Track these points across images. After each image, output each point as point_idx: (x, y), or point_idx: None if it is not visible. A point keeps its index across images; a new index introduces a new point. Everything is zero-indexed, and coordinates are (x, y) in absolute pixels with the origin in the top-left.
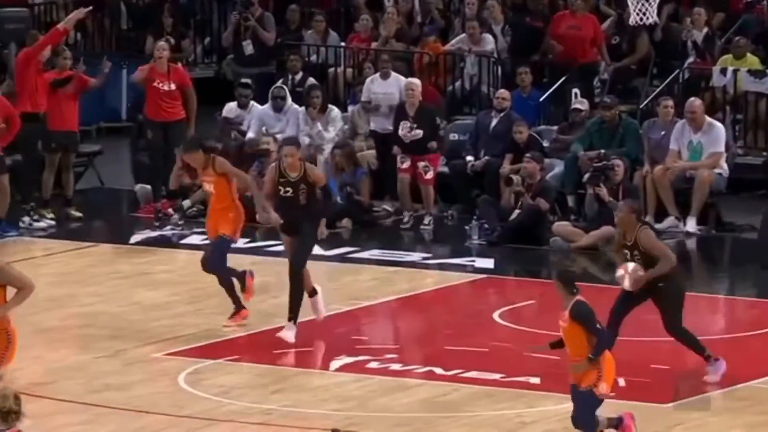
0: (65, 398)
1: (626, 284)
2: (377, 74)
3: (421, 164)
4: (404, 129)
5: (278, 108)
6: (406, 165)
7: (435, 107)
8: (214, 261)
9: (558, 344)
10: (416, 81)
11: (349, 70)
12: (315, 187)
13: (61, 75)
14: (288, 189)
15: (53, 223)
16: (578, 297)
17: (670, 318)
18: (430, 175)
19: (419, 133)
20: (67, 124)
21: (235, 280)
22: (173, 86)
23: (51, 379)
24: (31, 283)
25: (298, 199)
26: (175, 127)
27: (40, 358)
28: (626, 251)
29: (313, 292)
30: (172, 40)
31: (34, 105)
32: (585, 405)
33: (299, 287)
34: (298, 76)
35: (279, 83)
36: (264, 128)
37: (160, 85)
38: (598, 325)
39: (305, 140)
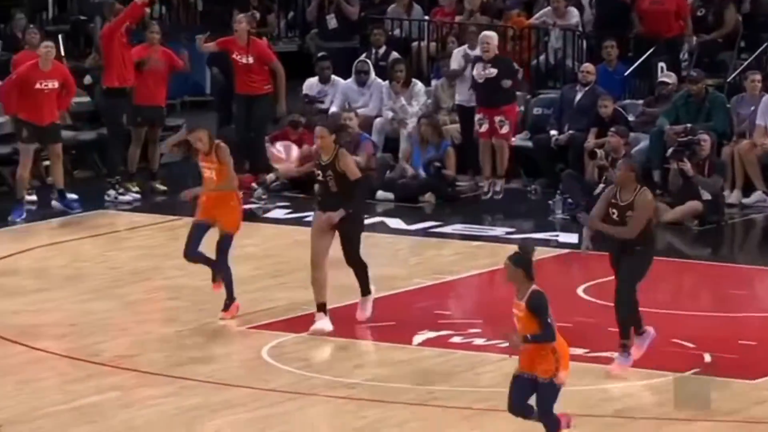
0: (150, 371)
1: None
2: (465, 45)
3: (497, 119)
4: (478, 69)
5: (362, 82)
6: (484, 128)
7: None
8: (221, 259)
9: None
10: (491, 33)
11: (433, 44)
12: (347, 177)
13: (149, 49)
14: (319, 173)
15: (138, 196)
16: (534, 285)
17: (627, 284)
18: (506, 129)
19: (493, 71)
20: (155, 99)
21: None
22: (251, 59)
23: (136, 351)
24: None
25: (328, 185)
26: (260, 101)
27: (125, 330)
28: (614, 210)
29: (321, 307)
30: (258, 14)
31: (121, 79)
32: (546, 396)
33: (362, 270)
34: (382, 50)
35: (362, 57)
36: (347, 102)
37: (239, 58)
38: (549, 320)
39: (388, 114)
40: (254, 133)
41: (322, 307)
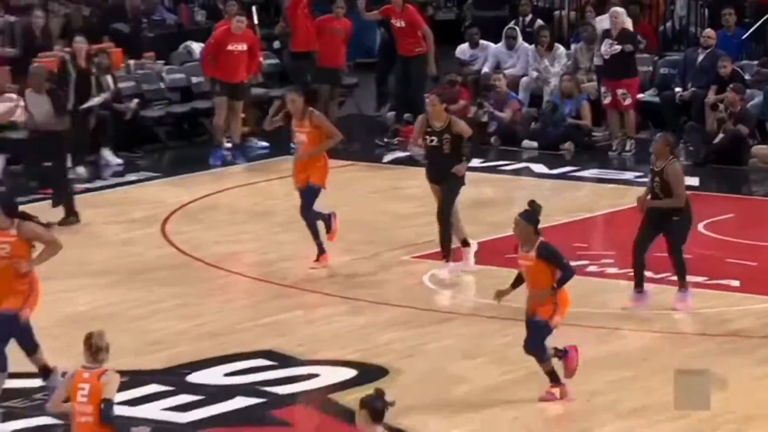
0: (329, 292)
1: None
2: (606, 14)
3: (620, 92)
4: (605, 46)
5: (510, 46)
6: (608, 100)
7: (635, 33)
8: (307, 209)
9: (516, 283)
10: (620, 9)
11: (573, 13)
12: (460, 138)
13: (333, 21)
14: (433, 138)
15: None
16: (541, 238)
17: (675, 246)
18: (628, 102)
19: (618, 48)
20: (335, 62)
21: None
22: (403, 23)
23: (318, 276)
24: (58, 241)
25: (442, 148)
26: (414, 61)
27: (307, 258)
28: (651, 175)
29: (465, 243)
30: None
31: (305, 44)
32: (538, 333)
33: (447, 230)
34: (528, 18)
35: (511, 24)
36: (498, 64)
37: (395, 22)
38: (565, 261)
39: (533, 74)
40: (412, 90)
41: (465, 243)
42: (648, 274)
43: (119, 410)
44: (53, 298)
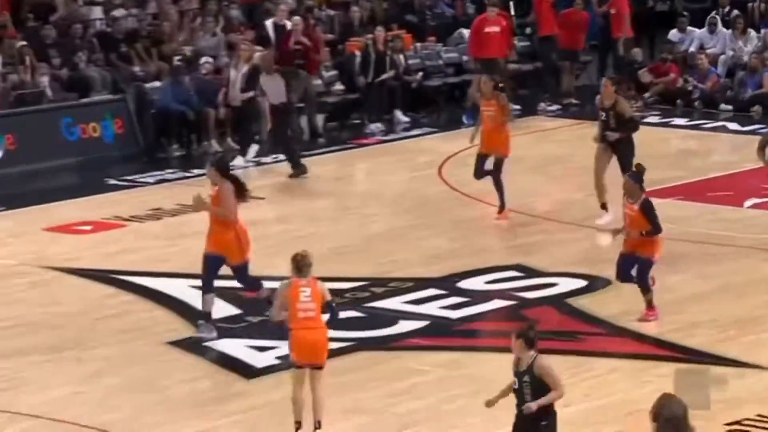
0: (565, 221)
1: None
2: None
3: None
4: None
5: (712, 31)
6: None
7: None
8: (495, 175)
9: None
10: None
11: (763, 4)
12: (622, 116)
13: (575, 14)
14: (602, 114)
15: (559, 107)
16: (644, 194)
17: None
18: None
19: None
20: (574, 44)
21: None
22: (614, 11)
23: (558, 208)
24: (230, 213)
25: (609, 123)
26: (619, 43)
27: (549, 195)
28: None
29: (604, 206)
30: None
31: (549, 30)
32: (645, 267)
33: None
34: (726, 9)
35: (713, 14)
36: (701, 45)
37: (611, 9)
38: (657, 219)
39: (729, 53)
40: (622, 65)
41: (604, 206)
42: None
43: (403, 308)
44: (356, 224)
